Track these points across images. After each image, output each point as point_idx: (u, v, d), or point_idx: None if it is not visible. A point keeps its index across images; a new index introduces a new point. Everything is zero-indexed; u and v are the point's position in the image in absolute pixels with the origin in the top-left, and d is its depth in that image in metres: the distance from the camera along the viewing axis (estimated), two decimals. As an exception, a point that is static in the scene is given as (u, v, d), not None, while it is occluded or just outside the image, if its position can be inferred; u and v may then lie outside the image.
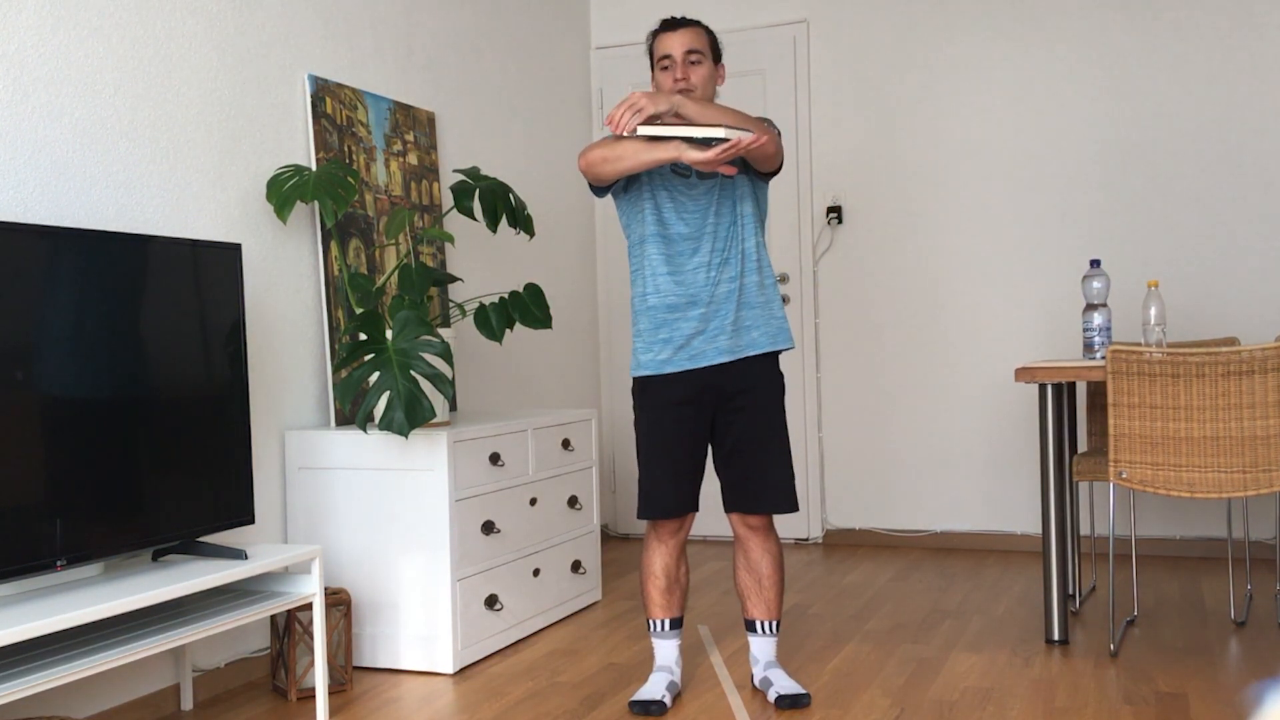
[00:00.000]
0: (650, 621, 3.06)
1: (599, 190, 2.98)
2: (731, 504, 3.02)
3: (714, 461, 3.05)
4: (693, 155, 2.68)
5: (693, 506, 3.04)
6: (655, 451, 3.00)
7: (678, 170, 2.94)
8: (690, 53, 2.95)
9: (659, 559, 3.03)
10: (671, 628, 3.05)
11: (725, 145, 2.65)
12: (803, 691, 2.97)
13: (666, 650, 3.05)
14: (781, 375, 3.05)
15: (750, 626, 3.07)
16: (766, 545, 3.04)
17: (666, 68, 2.96)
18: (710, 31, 3.03)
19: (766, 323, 2.98)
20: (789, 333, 3.03)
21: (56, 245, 2.47)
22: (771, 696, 2.98)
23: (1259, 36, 4.57)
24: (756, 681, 3.08)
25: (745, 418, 2.97)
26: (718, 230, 2.94)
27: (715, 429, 3.02)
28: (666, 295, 2.93)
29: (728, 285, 2.94)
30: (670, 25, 3.00)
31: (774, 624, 3.05)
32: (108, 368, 2.57)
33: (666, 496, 2.98)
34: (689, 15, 5.35)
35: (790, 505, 2.98)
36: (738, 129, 2.67)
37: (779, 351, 3.02)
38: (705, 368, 2.95)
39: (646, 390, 3.00)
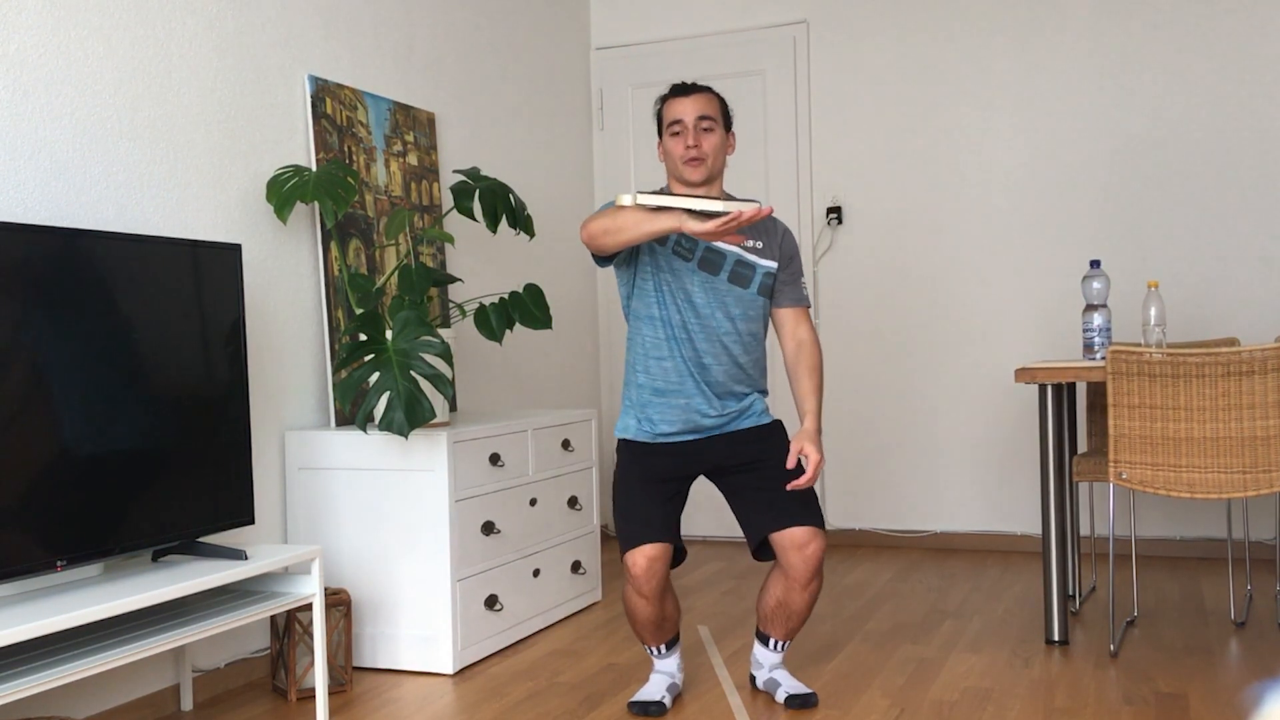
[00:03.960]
0: (646, 646, 3.04)
1: (601, 260, 2.90)
2: (770, 524, 2.87)
3: (735, 509, 2.96)
4: (693, 226, 2.58)
5: (669, 537, 2.86)
6: (630, 489, 2.92)
7: (679, 253, 2.87)
8: (702, 119, 2.86)
9: (642, 609, 2.89)
10: (669, 648, 3.02)
11: (727, 218, 2.56)
12: (811, 691, 2.97)
13: (666, 664, 3.04)
14: (782, 429, 3.00)
15: (763, 639, 3.04)
16: (810, 587, 2.88)
17: (677, 133, 2.88)
18: (723, 99, 2.94)
19: (756, 399, 2.98)
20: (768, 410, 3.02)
21: (56, 245, 2.47)
22: (780, 697, 2.98)
23: (1259, 37, 4.57)
24: (760, 683, 3.08)
25: (758, 467, 2.92)
26: (715, 322, 2.89)
27: (725, 484, 2.97)
28: (656, 378, 2.91)
29: (721, 372, 2.90)
30: (682, 90, 2.91)
31: (787, 644, 3.04)
32: (107, 368, 2.57)
33: (640, 521, 2.85)
34: (689, 22, 5.37)
35: (820, 521, 2.91)
36: (734, 205, 2.58)
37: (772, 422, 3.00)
38: (695, 440, 2.93)
39: (630, 448, 2.97)
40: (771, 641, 3.01)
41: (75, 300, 2.50)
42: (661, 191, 2.88)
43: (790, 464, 2.82)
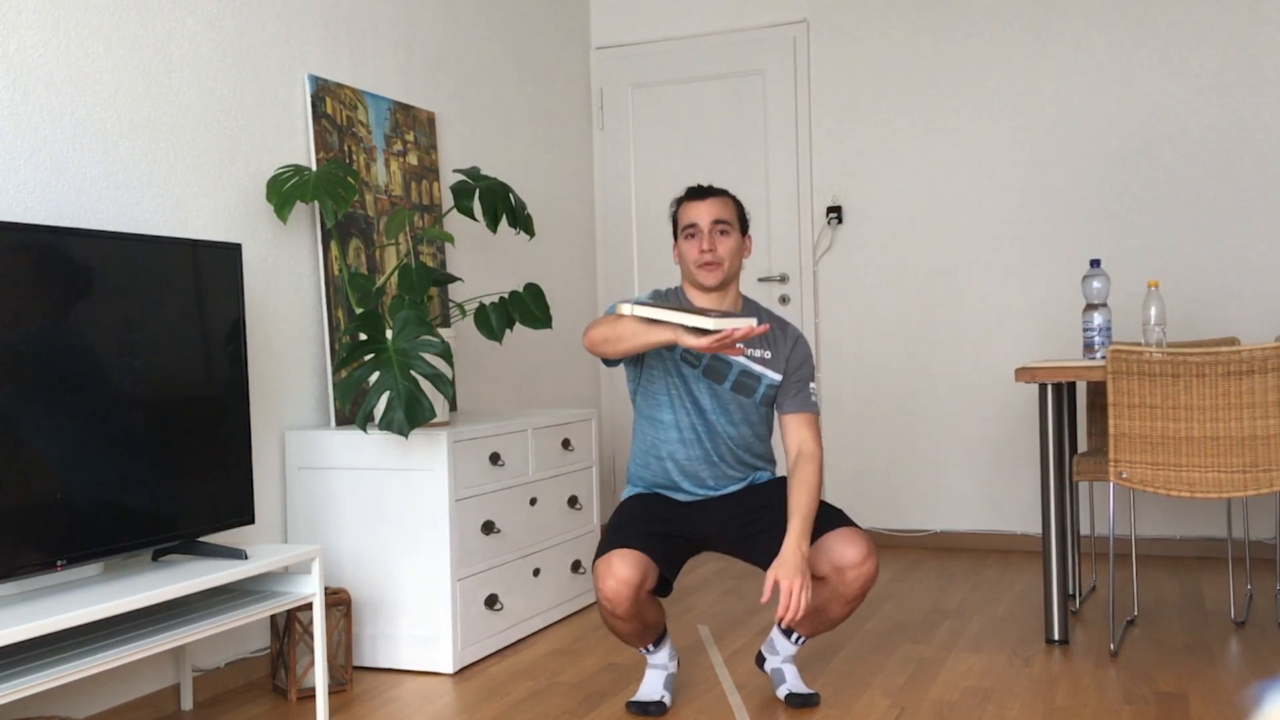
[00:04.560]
0: (635, 647, 3.04)
1: (607, 362, 2.90)
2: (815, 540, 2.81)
3: (752, 551, 2.93)
4: (689, 341, 2.56)
5: (651, 549, 2.78)
6: (628, 510, 2.92)
7: (686, 359, 2.87)
8: (718, 222, 2.85)
9: (619, 627, 2.81)
10: (657, 645, 3.00)
11: (720, 335, 2.53)
12: (813, 692, 2.97)
13: (658, 657, 3.04)
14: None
15: (785, 630, 3.03)
16: (852, 604, 2.84)
17: (692, 236, 2.87)
18: (739, 202, 2.94)
19: (761, 474, 3.00)
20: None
21: (56, 245, 2.47)
22: (781, 693, 2.98)
23: (1259, 37, 4.57)
24: (767, 668, 3.06)
25: (753, 528, 2.92)
26: (721, 426, 2.90)
27: (730, 549, 2.96)
28: (660, 474, 2.95)
29: (727, 466, 2.92)
30: (697, 194, 2.90)
31: (805, 640, 3.04)
32: (107, 367, 2.57)
33: (619, 536, 2.80)
34: (689, 22, 5.37)
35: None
36: (727, 322, 2.54)
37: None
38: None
39: (635, 497, 3.00)
40: (794, 635, 3.00)
41: (75, 300, 2.50)
42: (675, 291, 2.91)
43: (765, 597, 2.74)
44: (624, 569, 2.71)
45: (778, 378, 2.91)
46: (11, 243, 2.38)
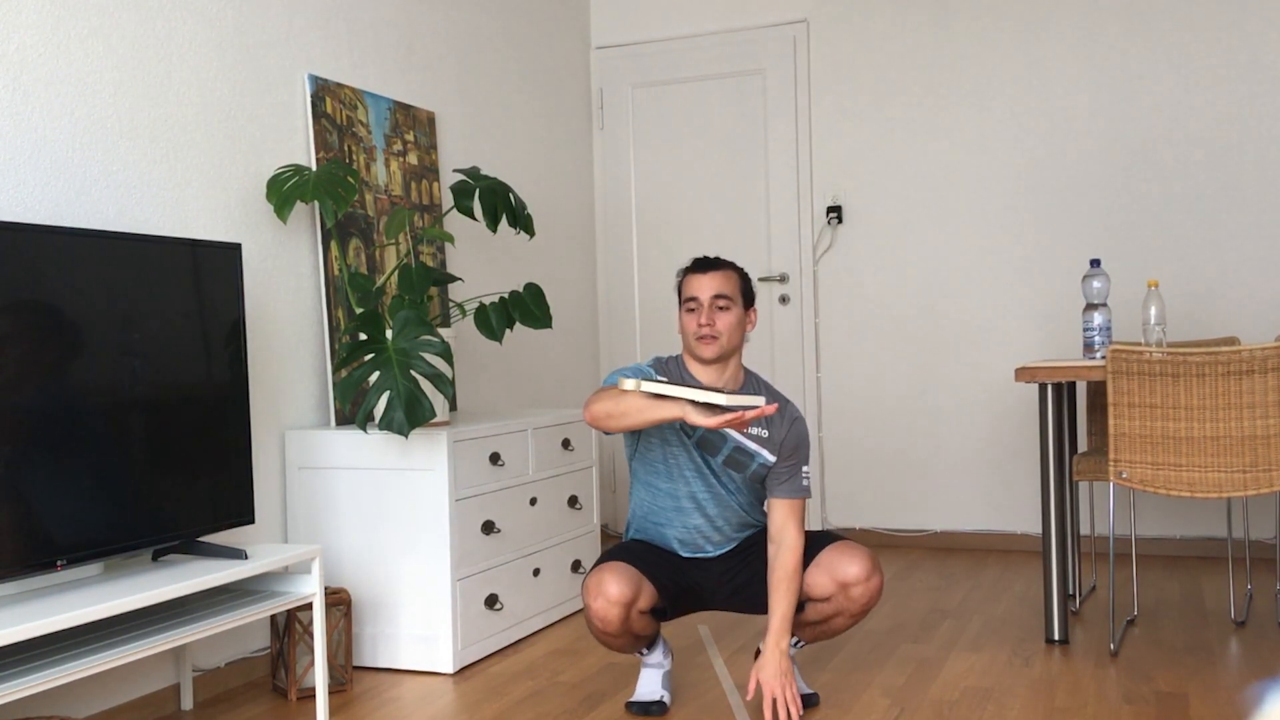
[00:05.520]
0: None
1: (606, 433, 2.88)
2: (812, 562, 2.83)
3: (757, 606, 2.94)
4: (696, 418, 2.53)
5: (648, 571, 2.80)
6: (627, 546, 2.92)
7: (683, 428, 2.85)
8: (718, 297, 2.82)
9: (609, 642, 2.83)
10: (649, 647, 2.99)
11: (730, 416, 2.50)
12: (812, 692, 2.97)
13: (654, 655, 3.03)
14: None
15: None
16: (857, 618, 2.85)
17: (692, 309, 2.85)
18: (744, 275, 2.90)
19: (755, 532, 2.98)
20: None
21: (56, 245, 2.47)
22: None
23: (1259, 36, 4.57)
24: None
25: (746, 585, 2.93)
26: (715, 495, 2.90)
27: (738, 600, 2.97)
28: (657, 538, 2.95)
29: (724, 529, 2.92)
30: (701, 266, 2.87)
31: (805, 644, 3.04)
32: (108, 367, 2.57)
33: (628, 551, 2.84)
34: (689, 21, 5.37)
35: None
36: (740, 399, 2.53)
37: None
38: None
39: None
40: (794, 639, 2.99)
41: (75, 300, 2.50)
42: (675, 361, 2.90)
43: (749, 694, 2.75)
44: (615, 586, 2.72)
45: (771, 459, 2.86)
46: (11, 243, 2.38)
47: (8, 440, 2.35)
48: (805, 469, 2.89)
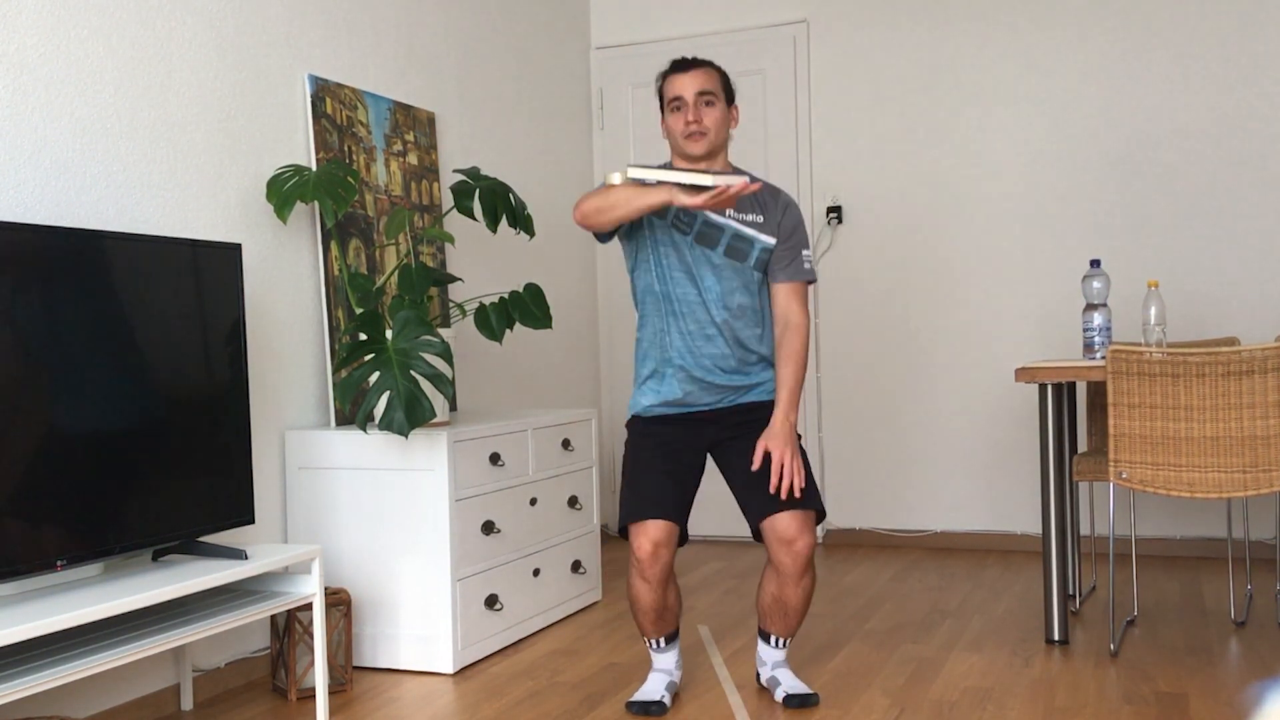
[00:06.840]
0: (646, 639, 3.04)
1: (601, 237, 2.89)
2: (758, 509, 2.85)
3: (731, 485, 2.95)
4: (684, 200, 2.59)
5: (675, 516, 2.84)
6: (641, 463, 2.92)
7: (678, 226, 2.87)
8: (703, 94, 2.85)
9: (645, 594, 2.88)
10: (668, 642, 3.01)
11: (715, 190, 2.56)
12: (811, 692, 2.97)
13: (665, 659, 3.04)
14: None
15: (764, 636, 3.04)
16: (802, 582, 2.87)
17: (678, 109, 2.87)
18: (723, 72, 2.93)
19: (763, 375, 2.96)
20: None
21: (56, 245, 2.47)
22: (779, 696, 2.98)
23: (1259, 37, 4.57)
24: (763, 680, 3.08)
25: (752, 433, 2.91)
26: (714, 296, 2.89)
27: (722, 457, 2.97)
28: (658, 352, 2.93)
29: (723, 344, 2.90)
30: (681, 66, 2.90)
31: (789, 640, 3.04)
32: (108, 368, 2.57)
33: (648, 496, 2.85)
34: (689, 22, 5.37)
35: (817, 504, 2.87)
36: (724, 179, 2.58)
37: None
38: (700, 411, 2.95)
39: (639, 422, 3.00)
40: (772, 639, 3.01)
41: (75, 300, 2.50)
42: (663, 167, 2.86)
43: (755, 464, 2.78)
44: (657, 531, 2.81)
45: (771, 241, 2.89)
46: (11, 243, 2.38)
47: (7, 440, 2.35)
48: (805, 252, 2.94)
